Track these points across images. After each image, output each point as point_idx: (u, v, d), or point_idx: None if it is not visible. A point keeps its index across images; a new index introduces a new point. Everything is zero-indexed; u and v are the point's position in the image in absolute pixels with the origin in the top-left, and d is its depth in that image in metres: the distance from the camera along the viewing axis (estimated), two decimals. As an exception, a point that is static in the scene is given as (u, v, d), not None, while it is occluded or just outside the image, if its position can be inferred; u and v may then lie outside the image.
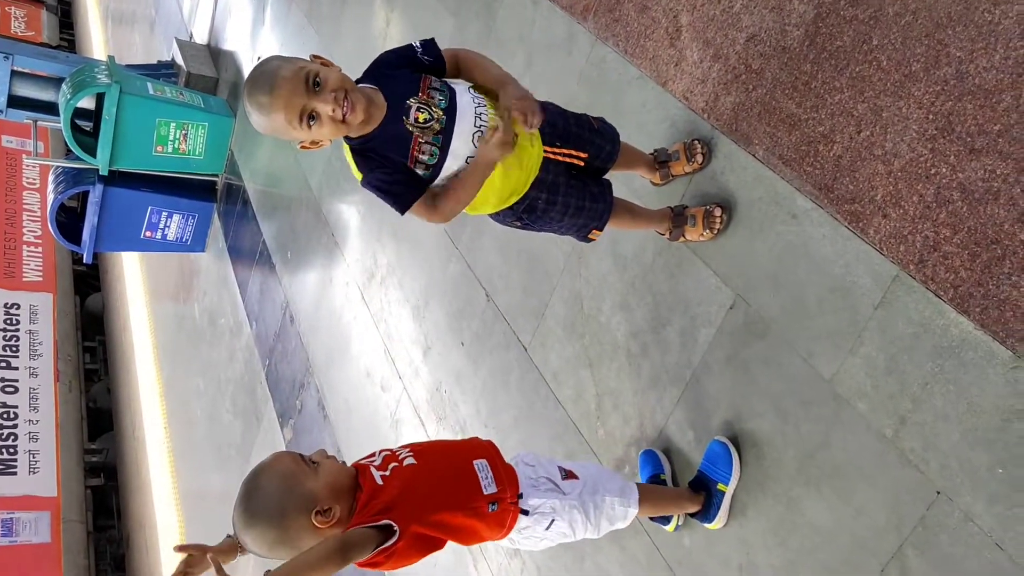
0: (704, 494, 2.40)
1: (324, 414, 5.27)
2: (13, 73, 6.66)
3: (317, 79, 1.85)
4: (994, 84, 1.82)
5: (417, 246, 4.27)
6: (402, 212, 2.03)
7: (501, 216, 2.27)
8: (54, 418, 11.46)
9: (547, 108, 2.22)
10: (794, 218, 2.27)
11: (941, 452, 1.90)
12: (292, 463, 1.82)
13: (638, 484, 2.33)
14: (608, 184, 2.36)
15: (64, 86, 6.30)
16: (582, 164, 2.28)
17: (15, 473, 10.59)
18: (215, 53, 8.15)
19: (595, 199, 2.30)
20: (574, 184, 2.26)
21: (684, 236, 2.53)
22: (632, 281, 2.81)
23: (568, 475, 2.20)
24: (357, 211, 4.96)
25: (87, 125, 6.84)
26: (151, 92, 6.58)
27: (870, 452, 2.04)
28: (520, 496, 2.07)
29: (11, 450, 10.78)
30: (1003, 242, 1.79)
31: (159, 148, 6.71)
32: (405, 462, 1.99)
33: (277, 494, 1.75)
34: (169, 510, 9.10)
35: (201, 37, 8.67)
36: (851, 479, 2.08)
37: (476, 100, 2.05)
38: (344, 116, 1.88)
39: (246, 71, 7.14)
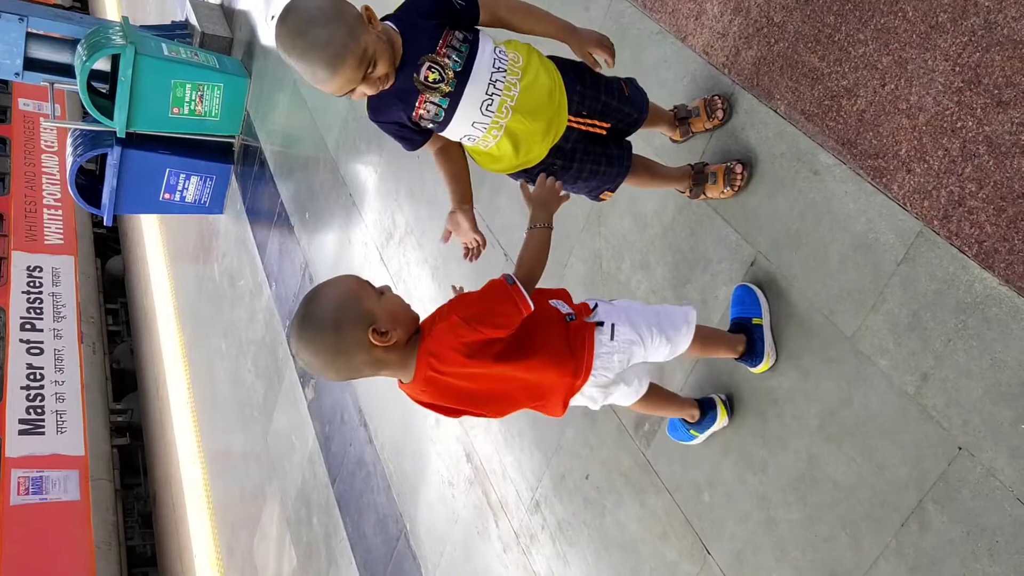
0: (745, 336, 2.36)
1: (345, 374, 5.31)
2: (28, 35, 6.64)
3: (373, 64, 1.85)
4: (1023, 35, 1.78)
5: (435, 206, 4.26)
6: (410, 150, 2.16)
7: (515, 176, 2.27)
8: (79, 379, 11.61)
9: (583, 78, 2.20)
10: (816, 174, 2.25)
11: (963, 408, 1.90)
12: (356, 283, 1.80)
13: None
14: (629, 146, 2.33)
15: (79, 48, 6.27)
16: (603, 133, 2.26)
17: (43, 433, 10.77)
18: (229, 12, 8.08)
19: (611, 162, 2.28)
20: (592, 149, 2.25)
21: (705, 194, 2.51)
22: (652, 239, 2.80)
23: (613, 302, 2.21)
24: (375, 171, 4.95)
25: (103, 87, 6.83)
26: (166, 53, 6.55)
27: (892, 408, 2.04)
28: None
29: (39, 410, 10.96)
30: (1030, 196, 1.77)
31: (175, 110, 6.70)
32: None
33: (337, 306, 1.73)
34: (194, 468, 9.25)
35: (214, -4, 8.60)
36: (872, 436, 2.09)
37: (497, 64, 2.01)
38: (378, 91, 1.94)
39: (260, 30, 7.09)
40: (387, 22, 1.97)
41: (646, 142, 2.74)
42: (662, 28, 2.76)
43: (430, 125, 2.06)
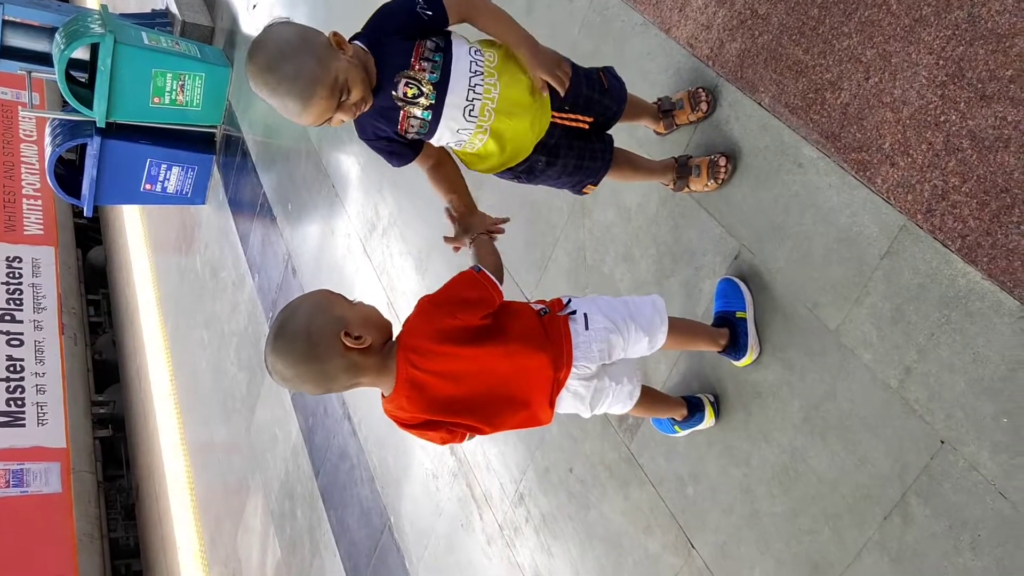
0: (728, 329, 2.35)
1: (328, 366, 5.28)
2: (5, 23, 6.54)
3: (346, 91, 1.84)
4: (1007, 28, 1.77)
5: (418, 197, 4.24)
6: (397, 167, 2.12)
7: (500, 175, 2.26)
8: (60, 370, 11.52)
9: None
10: (800, 167, 2.24)
11: (946, 402, 1.90)
12: (328, 293, 1.82)
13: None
14: (610, 140, 2.32)
15: (57, 36, 6.18)
16: (587, 128, 2.24)
17: (23, 425, 10.68)
18: (210, 1, 8.00)
19: (594, 157, 2.26)
20: (575, 144, 2.23)
21: (688, 187, 2.50)
22: (636, 232, 2.79)
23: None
24: (357, 162, 4.91)
25: (82, 76, 6.74)
26: (146, 42, 6.47)
27: (875, 402, 2.04)
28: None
29: (19, 402, 10.86)
30: (1013, 191, 1.77)
31: (156, 99, 6.62)
32: None
33: (308, 314, 1.75)
34: (177, 460, 9.20)
35: (195, -16, 8.50)
36: (855, 429, 2.09)
37: (474, 68, 1.99)
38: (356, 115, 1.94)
39: (242, 19, 7.02)
40: (356, 42, 1.95)
41: (629, 135, 2.72)
42: (646, 20, 2.75)
43: (417, 137, 2.05)
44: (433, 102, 1.96)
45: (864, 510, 2.07)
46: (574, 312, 2.02)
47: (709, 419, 2.45)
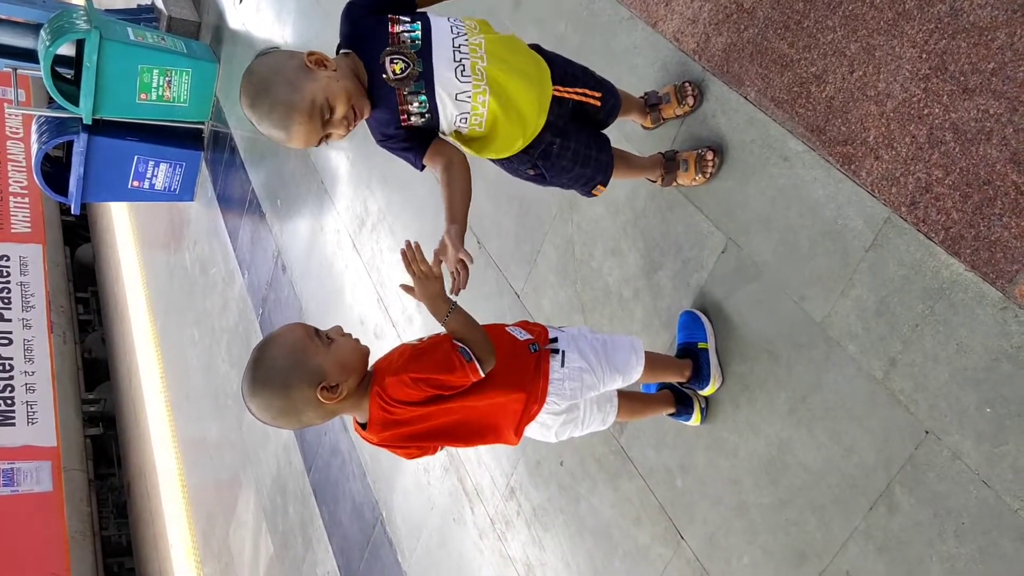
0: (691, 360, 2.43)
1: (319, 362, 5.28)
2: (-11, 20, 6.52)
3: (329, 109, 1.83)
4: (988, 22, 1.79)
5: (407, 192, 4.24)
6: (419, 169, 2.07)
7: (516, 162, 2.19)
8: (50, 369, 11.49)
9: (554, 60, 2.18)
10: (786, 161, 2.26)
11: (930, 392, 1.92)
12: (304, 335, 1.79)
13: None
14: (607, 139, 2.33)
15: (42, 33, 6.15)
16: (598, 104, 2.22)
17: (13, 424, 10.65)
18: (196, -4, 7.97)
19: (602, 148, 2.27)
20: (584, 131, 2.23)
21: (677, 181, 2.52)
22: (624, 226, 2.80)
23: (561, 328, 2.25)
24: (346, 157, 4.91)
25: (68, 73, 6.71)
26: (132, 38, 6.44)
27: (860, 393, 2.06)
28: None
29: (8, 401, 10.83)
30: (995, 183, 1.78)
31: (143, 96, 6.59)
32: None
33: (284, 366, 1.74)
34: (168, 457, 9.19)
35: (181, -20, 8.46)
36: (841, 420, 2.11)
37: (456, 30, 1.98)
38: (353, 128, 1.92)
39: (228, 14, 6.99)
40: (342, 52, 1.96)
41: (618, 129, 2.73)
42: (632, 14, 2.76)
43: (422, 121, 1.99)
44: (422, 69, 1.92)
45: (850, 500, 2.09)
46: (557, 350, 2.06)
47: (695, 421, 2.49)
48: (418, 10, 2.03)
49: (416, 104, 1.96)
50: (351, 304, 4.84)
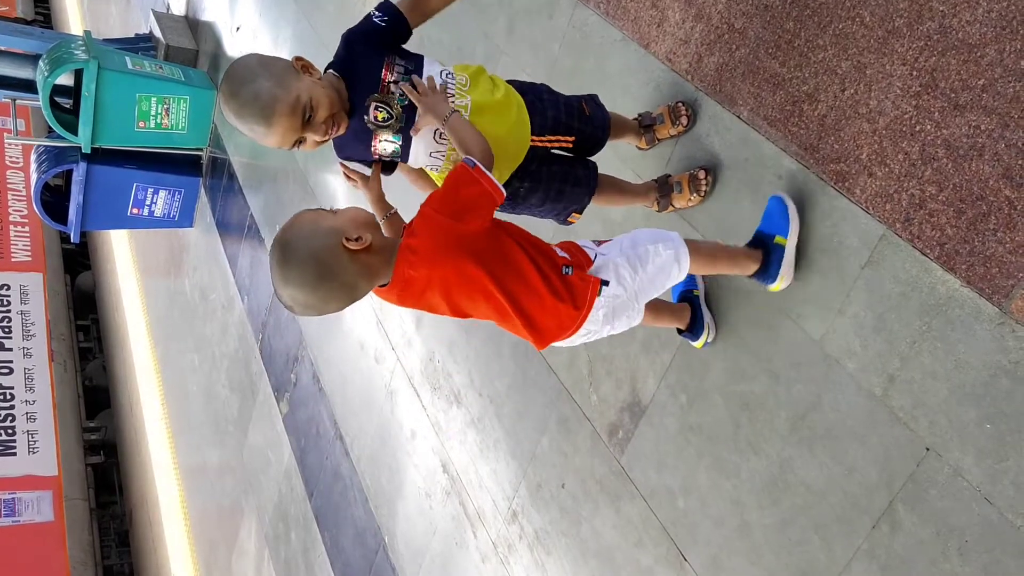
0: (763, 251, 2.22)
1: (319, 387, 5.28)
2: (-11, 52, 6.57)
3: (311, 109, 1.84)
4: (978, 38, 1.80)
5: (404, 213, 4.24)
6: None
7: None
8: (51, 397, 11.45)
9: (542, 97, 2.19)
10: (780, 179, 2.26)
11: (930, 409, 1.91)
12: (311, 213, 1.80)
13: (687, 240, 2.15)
14: (594, 166, 2.33)
15: (41, 63, 6.19)
16: (570, 146, 2.24)
17: (15, 454, 10.61)
18: (193, 24, 8.02)
19: (577, 183, 2.27)
20: (557, 170, 2.24)
21: (672, 205, 2.52)
22: (620, 246, 2.80)
23: (600, 243, 2.12)
24: (343, 182, 4.92)
25: (67, 103, 6.75)
26: (130, 67, 6.48)
27: (860, 411, 2.05)
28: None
29: (9, 431, 10.79)
30: (988, 198, 1.78)
31: (141, 124, 6.62)
32: None
33: (304, 237, 1.72)
34: (170, 485, 9.15)
35: (178, 8, 8.53)
36: (842, 438, 2.10)
37: (448, 87, 1.99)
38: (330, 137, 1.92)
39: (225, 42, 7.04)
40: (330, 71, 1.97)
41: (612, 151, 2.73)
42: (625, 35, 2.77)
43: (389, 157, 2.05)
44: (404, 125, 1.96)
45: (852, 519, 2.07)
46: (607, 282, 1.96)
47: (700, 344, 2.45)
48: (416, 53, 2.03)
49: (389, 149, 2.01)
50: (351, 328, 4.84)
